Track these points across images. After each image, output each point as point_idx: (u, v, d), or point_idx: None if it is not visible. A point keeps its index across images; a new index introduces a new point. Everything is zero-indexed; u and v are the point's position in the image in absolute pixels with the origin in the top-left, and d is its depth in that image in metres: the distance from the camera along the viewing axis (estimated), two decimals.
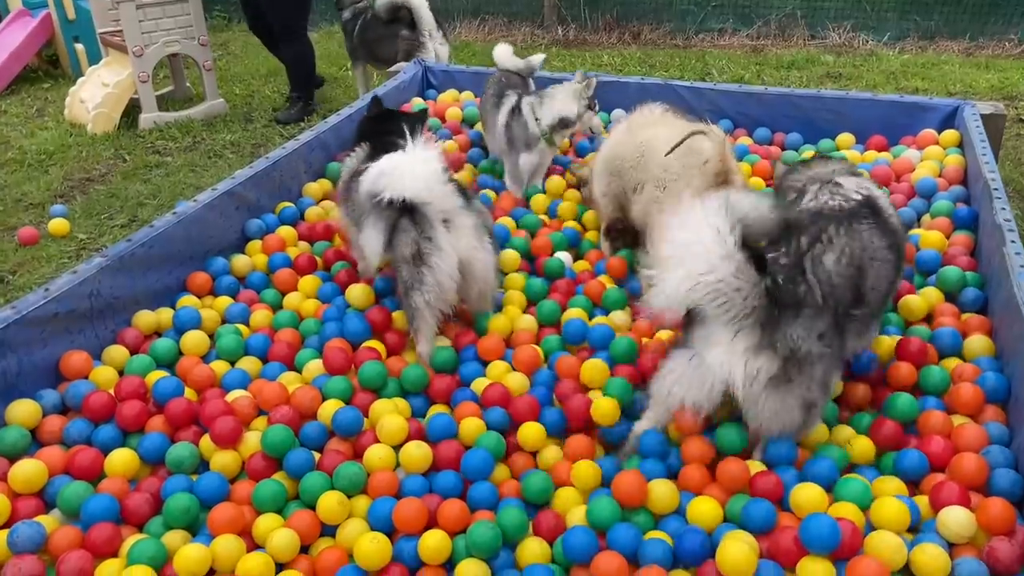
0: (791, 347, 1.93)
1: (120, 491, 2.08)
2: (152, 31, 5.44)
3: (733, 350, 1.96)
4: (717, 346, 1.98)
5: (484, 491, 2.07)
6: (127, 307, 2.69)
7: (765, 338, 1.94)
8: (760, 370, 1.94)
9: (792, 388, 1.97)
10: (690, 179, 2.47)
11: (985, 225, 2.89)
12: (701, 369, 2.00)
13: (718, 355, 1.97)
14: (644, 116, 3.05)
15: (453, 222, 2.51)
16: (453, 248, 2.49)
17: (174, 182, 4.64)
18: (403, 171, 2.43)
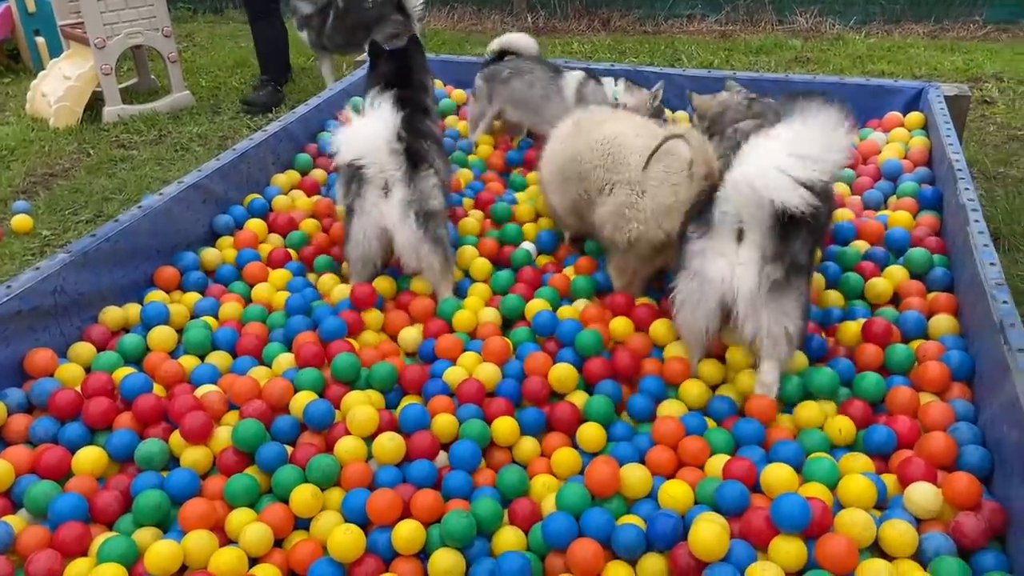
0: (792, 259, 2.17)
1: (88, 489, 2.05)
2: (114, 23, 5.35)
3: (742, 259, 2.19)
4: (721, 257, 2.21)
5: (458, 481, 2.07)
6: (93, 303, 2.65)
7: (774, 249, 2.16)
8: (769, 276, 2.16)
9: (790, 293, 2.20)
10: (676, 188, 2.40)
11: (950, 205, 2.93)
12: (703, 283, 2.21)
13: (721, 265, 2.20)
14: (594, 113, 2.91)
15: (391, 190, 2.68)
16: (380, 213, 2.68)
17: (140, 176, 4.57)
18: (351, 133, 2.68)
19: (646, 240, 2.51)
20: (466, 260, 3.00)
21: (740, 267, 2.20)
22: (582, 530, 1.89)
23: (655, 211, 2.47)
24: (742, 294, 2.19)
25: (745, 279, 2.19)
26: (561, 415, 2.27)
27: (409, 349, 2.64)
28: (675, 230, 2.43)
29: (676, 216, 2.43)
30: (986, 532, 1.82)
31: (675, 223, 2.43)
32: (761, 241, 2.18)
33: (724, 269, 2.21)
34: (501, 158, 3.83)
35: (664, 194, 2.45)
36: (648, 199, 2.48)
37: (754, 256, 2.19)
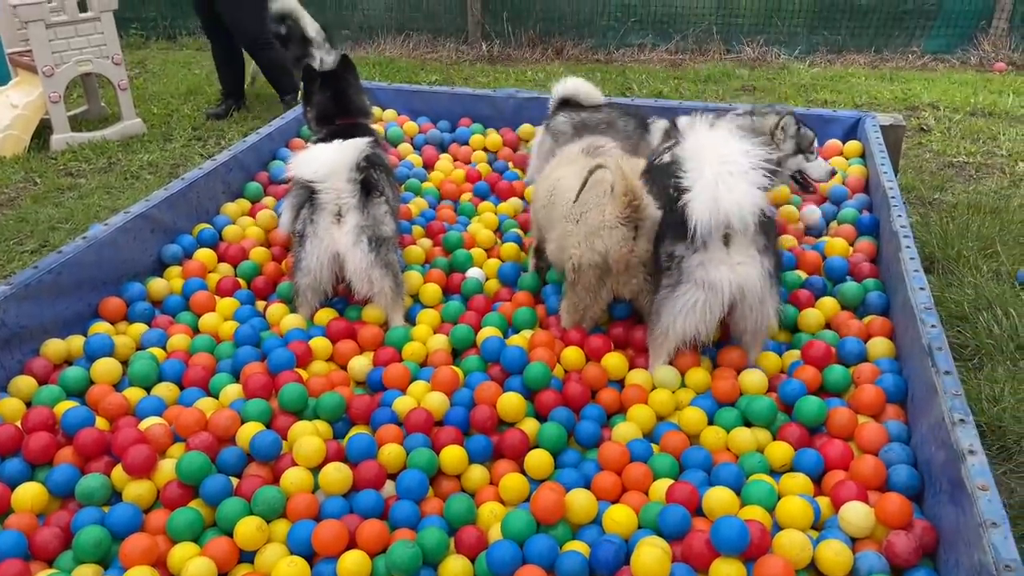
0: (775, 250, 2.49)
1: (28, 526, 2.02)
2: (63, 50, 5.30)
3: (737, 260, 2.41)
4: (721, 264, 2.40)
5: (405, 510, 2.07)
6: (35, 336, 2.61)
7: (763, 242, 2.43)
8: (769, 268, 2.44)
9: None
10: (602, 208, 2.52)
11: (884, 232, 3.03)
12: (710, 290, 2.41)
13: (724, 271, 2.40)
14: (565, 154, 3.02)
15: (345, 217, 2.74)
16: (332, 238, 2.73)
17: (88, 205, 4.51)
18: (314, 155, 2.79)
19: (587, 264, 2.57)
20: (414, 287, 3.02)
21: (740, 266, 2.41)
22: (526, 557, 1.91)
23: (588, 234, 2.55)
24: (752, 288, 2.42)
25: (752, 274, 2.42)
26: (510, 442, 2.29)
27: (358, 378, 2.65)
28: (609, 251, 2.52)
29: (608, 235, 2.51)
30: (917, 550, 1.88)
31: (608, 242, 2.51)
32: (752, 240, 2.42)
33: (726, 273, 2.41)
34: (455, 186, 3.87)
35: (593, 216, 2.55)
36: (580, 224, 2.59)
37: (751, 253, 2.42)
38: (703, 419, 2.38)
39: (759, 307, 2.46)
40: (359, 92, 3.32)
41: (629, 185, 2.43)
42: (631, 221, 2.49)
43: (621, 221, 2.49)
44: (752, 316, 2.47)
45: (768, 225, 2.48)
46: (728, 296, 2.41)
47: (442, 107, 4.50)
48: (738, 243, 2.41)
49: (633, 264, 2.57)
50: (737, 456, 2.26)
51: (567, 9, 7.85)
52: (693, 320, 2.44)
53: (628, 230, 2.50)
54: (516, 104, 4.36)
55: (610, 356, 2.60)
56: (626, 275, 2.59)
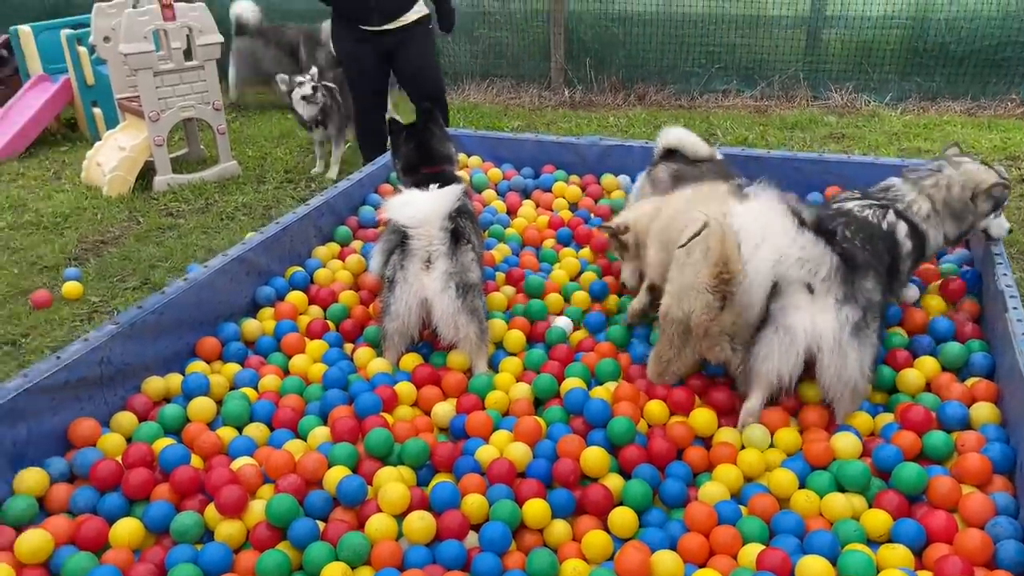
0: (867, 297, 2.47)
1: (125, 562, 2.08)
2: (168, 96, 5.59)
3: (816, 308, 2.44)
4: (799, 309, 2.45)
5: (488, 563, 2.06)
6: (137, 373, 2.72)
7: (847, 291, 2.44)
8: (848, 317, 2.42)
9: (868, 334, 2.46)
10: (698, 268, 2.47)
11: (988, 290, 2.91)
12: (788, 334, 2.43)
13: (802, 317, 2.44)
14: (704, 191, 2.95)
15: (433, 263, 2.77)
16: (421, 284, 2.76)
17: (186, 244, 4.71)
18: (410, 201, 2.82)
19: (671, 318, 2.54)
20: (496, 334, 3.04)
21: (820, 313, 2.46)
22: None
23: (682, 287, 2.52)
24: (825, 339, 2.44)
25: (826, 324, 2.45)
26: (594, 498, 2.26)
27: (442, 424, 2.66)
28: (693, 313, 2.48)
29: (695, 297, 2.46)
30: None
31: (693, 304, 2.47)
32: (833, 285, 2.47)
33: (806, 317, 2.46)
34: (538, 232, 3.89)
35: (689, 272, 2.50)
36: (679, 274, 2.55)
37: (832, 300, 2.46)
38: (794, 482, 2.30)
39: (838, 358, 2.42)
40: (443, 140, 3.41)
41: (725, 255, 2.37)
42: (719, 291, 2.42)
43: (709, 288, 2.43)
44: (831, 369, 2.43)
45: (855, 274, 2.47)
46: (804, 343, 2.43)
47: (526, 153, 4.55)
48: (818, 292, 2.45)
49: (714, 333, 2.51)
50: (831, 523, 2.17)
51: (650, 55, 7.88)
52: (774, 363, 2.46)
53: (715, 299, 2.44)
54: (600, 151, 4.37)
55: (697, 412, 2.54)
56: (707, 341, 2.53)
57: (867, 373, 2.49)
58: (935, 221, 2.83)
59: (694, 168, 3.50)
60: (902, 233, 2.74)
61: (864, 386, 2.52)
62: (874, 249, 2.62)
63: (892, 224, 2.74)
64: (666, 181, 3.50)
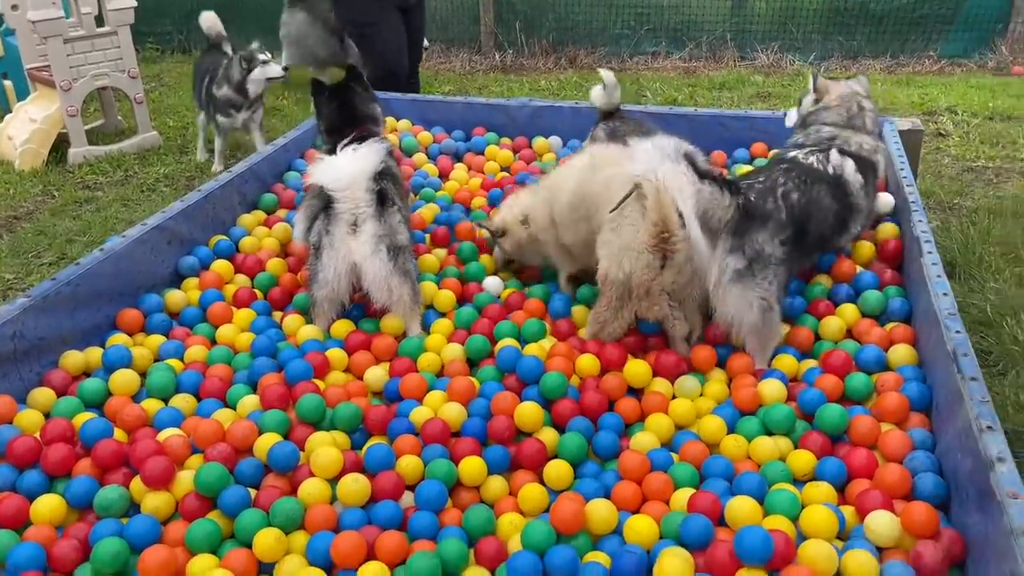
0: (756, 249, 2.52)
1: (47, 538, 2.01)
2: (80, 64, 5.35)
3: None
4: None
5: (424, 521, 2.06)
6: (53, 347, 2.62)
7: (736, 243, 2.50)
8: (729, 266, 2.49)
9: (755, 282, 2.52)
10: (636, 228, 2.46)
11: (905, 237, 2.99)
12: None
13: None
14: (604, 151, 2.91)
15: (360, 227, 2.71)
16: (349, 249, 2.71)
17: (105, 217, 4.54)
18: (334, 163, 2.76)
19: (611, 280, 2.54)
20: (428, 296, 3.01)
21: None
22: (547, 569, 1.89)
23: (620, 248, 2.51)
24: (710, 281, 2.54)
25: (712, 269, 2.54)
26: (528, 452, 2.27)
27: (375, 389, 2.64)
28: (633, 274, 2.49)
29: (635, 258, 2.47)
30: (945, 560, 1.84)
31: (633, 265, 2.47)
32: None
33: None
34: (470, 195, 3.86)
35: (627, 233, 2.49)
36: (616, 236, 2.54)
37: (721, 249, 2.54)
38: (723, 428, 2.35)
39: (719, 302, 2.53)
40: (367, 100, 3.31)
41: (662, 216, 2.36)
42: (659, 250, 2.42)
43: (649, 248, 2.43)
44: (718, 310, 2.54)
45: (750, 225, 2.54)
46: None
47: (456, 116, 4.50)
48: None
49: (655, 292, 2.52)
50: (759, 465, 2.23)
51: (580, 18, 7.85)
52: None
53: (655, 258, 2.45)
54: (530, 112, 4.35)
55: (631, 364, 2.57)
56: (647, 301, 2.54)
57: (756, 315, 2.52)
58: (876, 145, 2.96)
59: (623, 124, 3.50)
60: (850, 170, 2.80)
61: (764, 328, 2.56)
62: (812, 197, 2.68)
63: (838, 165, 2.80)
64: (603, 139, 3.50)
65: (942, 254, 2.74)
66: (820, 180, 2.73)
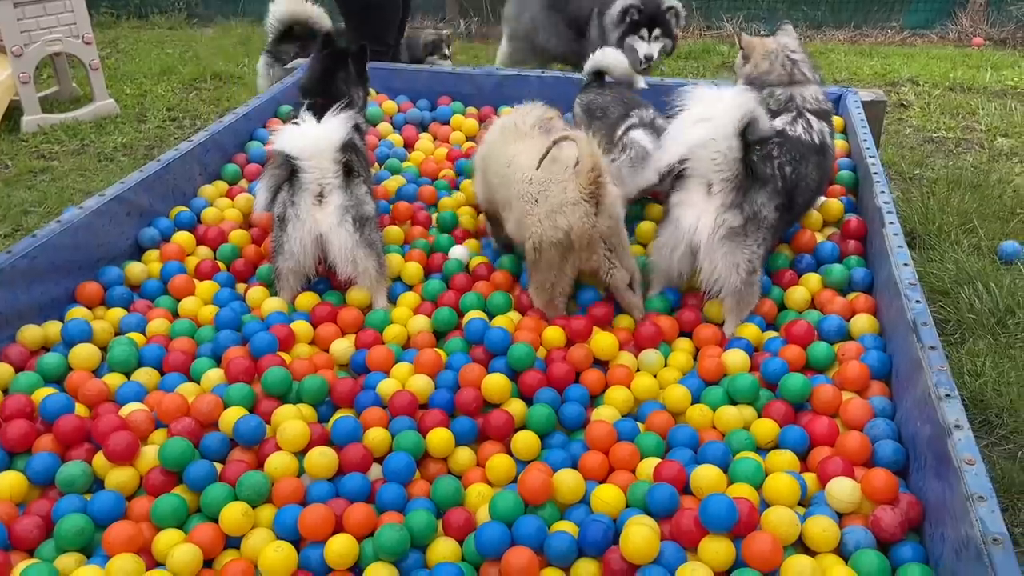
0: (754, 209, 2.59)
1: (8, 515, 1.98)
2: (32, 29, 5.17)
3: (706, 208, 2.60)
4: (692, 207, 2.62)
5: (392, 493, 2.06)
6: (10, 322, 2.56)
7: (736, 199, 2.57)
8: (724, 223, 2.57)
9: (745, 243, 2.59)
10: (564, 185, 2.51)
11: (867, 208, 3.03)
12: (676, 229, 2.64)
13: (691, 214, 2.62)
14: (515, 125, 2.88)
15: (327, 198, 2.70)
16: (315, 221, 2.69)
17: (61, 188, 4.43)
18: (301, 132, 2.72)
19: (548, 243, 2.55)
20: (394, 267, 2.99)
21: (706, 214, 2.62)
22: (515, 538, 1.91)
23: (549, 212, 2.53)
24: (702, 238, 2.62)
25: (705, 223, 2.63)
26: (496, 423, 2.28)
27: (341, 361, 2.62)
28: (572, 227, 2.51)
29: (571, 211, 2.50)
30: (903, 524, 1.89)
31: (571, 219, 2.50)
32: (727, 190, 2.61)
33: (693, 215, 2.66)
34: (436, 165, 3.82)
35: (554, 194, 2.53)
36: (540, 203, 2.56)
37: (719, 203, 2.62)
38: (688, 397, 2.38)
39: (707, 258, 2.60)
40: (353, 82, 3.25)
41: (595, 161, 2.45)
42: (594, 197, 2.50)
43: (584, 197, 2.49)
44: (703, 265, 2.62)
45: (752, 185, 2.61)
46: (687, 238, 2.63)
47: (421, 85, 4.45)
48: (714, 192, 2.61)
49: (595, 239, 2.56)
50: (723, 434, 2.26)
51: None
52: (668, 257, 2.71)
53: (591, 206, 2.50)
54: (496, 81, 4.31)
55: (598, 336, 2.58)
56: (588, 251, 2.58)
57: (741, 277, 2.59)
58: (823, 91, 3.11)
59: (602, 97, 3.47)
60: (828, 133, 2.95)
61: (745, 291, 2.63)
62: (801, 171, 2.78)
63: (820, 131, 2.91)
64: (580, 114, 3.50)
65: (902, 224, 2.78)
66: (810, 152, 2.84)
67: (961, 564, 1.66)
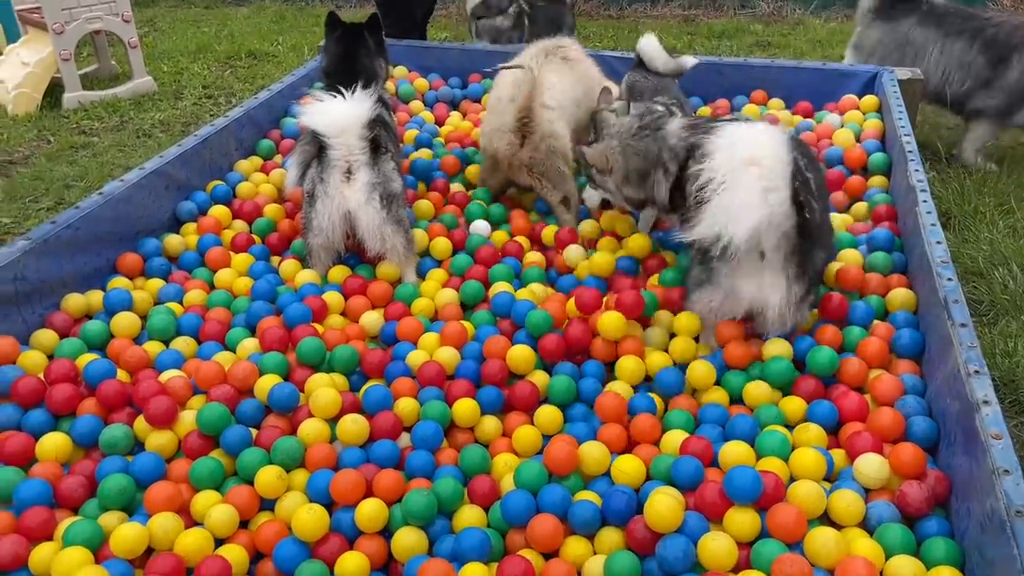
0: (817, 270, 2.34)
1: (53, 475, 2.06)
2: (73, 7, 5.26)
3: (768, 278, 2.25)
4: (749, 277, 2.26)
5: (421, 460, 2.10)
6: (55, 290, 2.64)
7: (799, 265, 2.24)
8: (797, 293, 2.27)
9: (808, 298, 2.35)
10: (502, 113, 3.06)
11: (901, 187, 3.01)
12: (734, 299, 2.31)
13: (751, 284, 2.27)
14: (527, 49, 3.40)
15: (354, 174, 2.73)
16: (343, 196, 2.72)
17: (102, 163, 4.52)
18: (328, 109, 2.75)
19: (485, 151, 3.25)
20: (421, 243, 3.03)
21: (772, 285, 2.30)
22: (540, 507, 1.94)
23: (489, 129, 3.15)
24: (772, 308, 2.32)
25: (775, 296, 2.30)
26: (520, 394, 2.31)
27: (372, 333, 2.67)
28: (497, 150, 3.09)
29: (498, 137, 3.08)
30: (929, 500, 1.90)
31: (497, 143, 3.08)
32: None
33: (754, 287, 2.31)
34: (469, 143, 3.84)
35: (495, 116, 3.13)
36: (489, 117, 3.22)
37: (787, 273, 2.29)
38: (712, 374, 2.36)
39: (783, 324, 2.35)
40: (374, 55, 3.26)
41: (527, 104, 2.94)
42: (520, 132, 2.99)
43: (512, 129, 2.99)
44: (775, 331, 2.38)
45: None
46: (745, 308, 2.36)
47: (453, 63, 4.46)
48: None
49: (516, 165, 3.08)
50: (752, 409, 2.27)
51: None
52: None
53: (516, 137, 3.01)
54: None
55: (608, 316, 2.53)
56: (513, 171, 3.13)
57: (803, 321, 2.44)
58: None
59: (643, 78, 3.47)
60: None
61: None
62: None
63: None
64: (624, 90, 3.50)
65: (937, 205, 2.75)
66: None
67: (985, 537, 1.67)
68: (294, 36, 6.98)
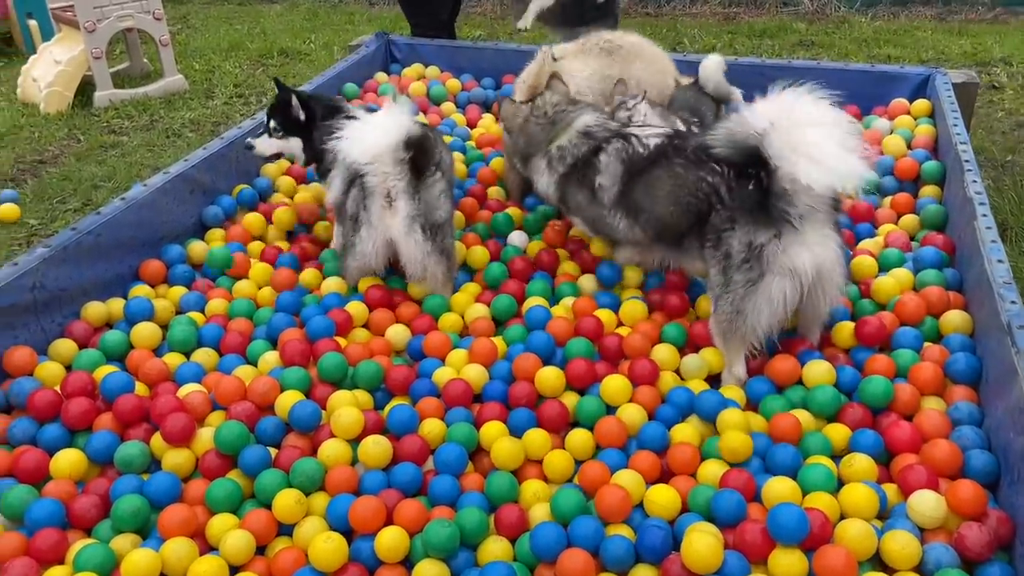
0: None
1: (66, 494, 2.00)
2: (104, 5, 5.24)
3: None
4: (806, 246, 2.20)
5: (445, 485, 2.00)
6: (75, 298, 2.58)
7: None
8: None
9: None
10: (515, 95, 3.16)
11: (956, 199, 2.84)
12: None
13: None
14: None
15: (395, 202, 2.57)
16: (386, 225, 2.58)
17: (130, 163, 4.49)
18: (358, 133, 2.56)
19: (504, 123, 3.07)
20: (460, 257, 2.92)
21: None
22: (571, 540, 1.83)
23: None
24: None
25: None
26: (550, 416, 2.20)
27: (398, 347, 2.57)
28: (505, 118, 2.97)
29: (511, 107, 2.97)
30: (991, 543, 1.75)
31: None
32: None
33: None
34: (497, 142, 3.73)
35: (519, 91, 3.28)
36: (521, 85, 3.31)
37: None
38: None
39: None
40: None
41: (539, 81, 3.01)
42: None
43: (523, 97, 3.01)
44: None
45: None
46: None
47: (486, 63, 4.36)
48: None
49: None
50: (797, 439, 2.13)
51: None
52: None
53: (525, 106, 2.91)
54: None
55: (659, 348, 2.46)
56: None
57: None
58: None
59: (685, 93, 3.36)
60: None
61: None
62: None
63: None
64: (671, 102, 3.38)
65: (994, 215, 2.59)
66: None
67: None
68: (326, 34, 6.92)
